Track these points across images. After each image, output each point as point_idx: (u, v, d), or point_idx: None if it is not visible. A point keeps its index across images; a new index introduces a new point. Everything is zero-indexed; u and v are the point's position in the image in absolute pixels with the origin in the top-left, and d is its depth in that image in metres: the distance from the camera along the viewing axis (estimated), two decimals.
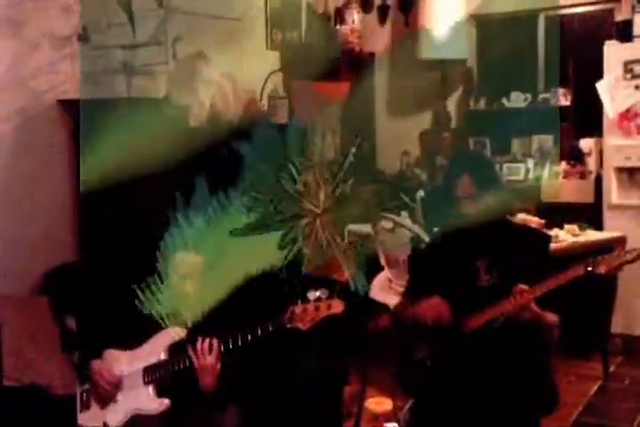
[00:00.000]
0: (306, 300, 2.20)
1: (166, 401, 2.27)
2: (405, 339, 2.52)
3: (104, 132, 3.10)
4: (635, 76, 3.98)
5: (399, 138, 4.97)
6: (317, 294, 2.20)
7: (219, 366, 2.23)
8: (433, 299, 2.37)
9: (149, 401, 2.29)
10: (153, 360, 2.31)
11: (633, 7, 4.15)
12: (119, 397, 2.34)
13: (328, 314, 2.19)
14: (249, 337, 2.22)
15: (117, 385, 2.33)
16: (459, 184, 2.41)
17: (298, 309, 2.19)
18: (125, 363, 2.35)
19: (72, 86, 3.28)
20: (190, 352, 2.23)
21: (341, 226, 3.82)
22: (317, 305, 2.19)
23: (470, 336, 2.33)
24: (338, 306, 2.19)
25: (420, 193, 3.63)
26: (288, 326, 2.20)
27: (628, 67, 4.00)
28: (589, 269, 2.22)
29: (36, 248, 3.16)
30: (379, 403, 2.90)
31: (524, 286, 2.27)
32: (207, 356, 2.22)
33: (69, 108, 3.23)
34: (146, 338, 2.35)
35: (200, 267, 2.43)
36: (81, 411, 2.41)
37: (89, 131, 3.15)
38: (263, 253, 2.79)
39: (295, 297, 2.21)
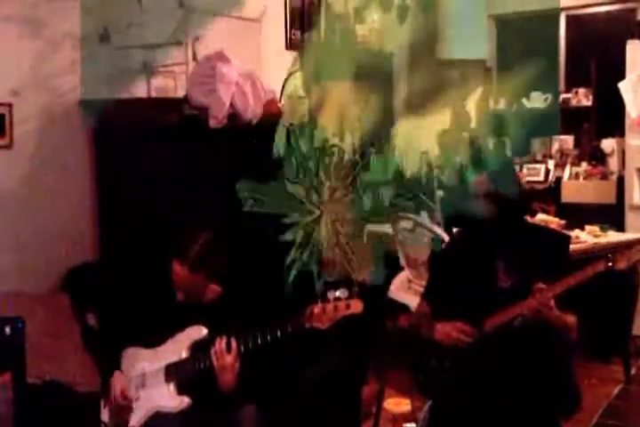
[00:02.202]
0: (325, 299, 2.21)
1: (186, 399, 2.28)
2: (426, 339, 2.51)
3: (124, 133, 3.12)
4: None
5: (418, 138, 4.94)
6: (337, 293, 2.21)
7: (237, 365, 2.23)
8: (457, 324, 2.35)
9: (170, 399, 2.29)
10: (175, 358, 2.32)
11: None
12: (142, 394, 2.34)
13: (347, 314, 2.19)
14: (268, 337, 2.23)
15: (128, 406, 2.32)
16: (476, 183, 2.40)
17: (317, 308, 2.20)
18: (148, 361, 2.36)
19: (93, 87, 3.30)
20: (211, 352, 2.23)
21: (360, 226, 3.82)
22: (336, 305, 2.20)
23: (490, 337, 2.31)
24: (357, 306, 2.20)
25: (439, 193, 3.61)
26: (307, 325, 2.20)
27: None
28: (609, 264, 2.19)
29: (57, 247, 3.18)
30: (397, 403, 2.89)
31: (543, 285, 2.25)
32: (226, 355, 2.22)
33: (91, 108, 3.25)
34: (169, 336, 2.36)
35: None
36: (104, 407, 2.42)
37: (108, 131, 3.17)
38: None
39: (314, 297, 2.22)
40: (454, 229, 3.01)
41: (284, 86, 3.30)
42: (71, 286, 3.07)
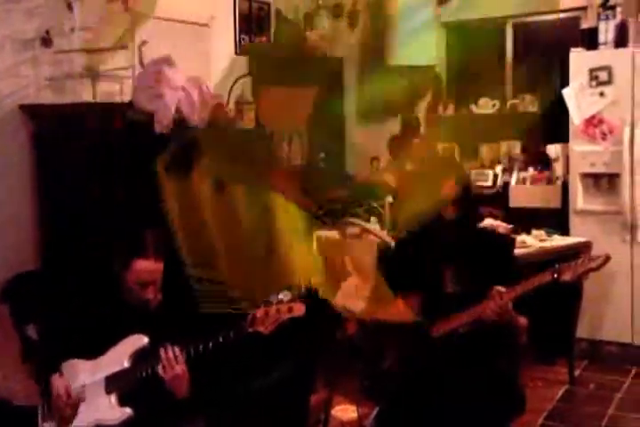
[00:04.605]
0: (268, 303, 2.19)
1: (128, 410, 2.23)
2: (372, 346, 2.51)
3: (68, 138, 3.06)
4: (600, 84, 4.03)
5: (368, 143, 4.97)
6: (279, 296, 2.19)
7: (186, 372, 2.19)
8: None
9: (111, 411, 2.24)
10: (116, 369, 2.26)
11: (598, 15, 4.20)
12: (81, 408, 2.28)
13: (290, 317, 2.17)
14: (210, 344, 2.20)
15: (74, 405, 2.25)
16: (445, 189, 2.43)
17: (259, 312, 2.18)
18: (88, 373, 2.29)
19: (34, 91, 3.22)
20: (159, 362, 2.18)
21: (310, 231, 3.81)
22: (279, 308, 2.18)
23: (440, 341, 2.33)
24: (299, 309, 2.18)
25: (389, 199, 3.63)
26: (250, 330, 2.18)
27: (593, 74, 4.05)
28: (555, 276, 2.24)
29: None
30: (345, 411, 2.89)
31: (500, 288, 2.27)
32: (175, 364, 2.18)
33: (31, 112, 3.17)
34: (109, 347, 2.31)
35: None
36: (42, 423, 2.35)
37: (51, 137, 3.10)
38: None
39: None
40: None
41: (231, 91, 3.28)
42: (11, 295, 2.98)
